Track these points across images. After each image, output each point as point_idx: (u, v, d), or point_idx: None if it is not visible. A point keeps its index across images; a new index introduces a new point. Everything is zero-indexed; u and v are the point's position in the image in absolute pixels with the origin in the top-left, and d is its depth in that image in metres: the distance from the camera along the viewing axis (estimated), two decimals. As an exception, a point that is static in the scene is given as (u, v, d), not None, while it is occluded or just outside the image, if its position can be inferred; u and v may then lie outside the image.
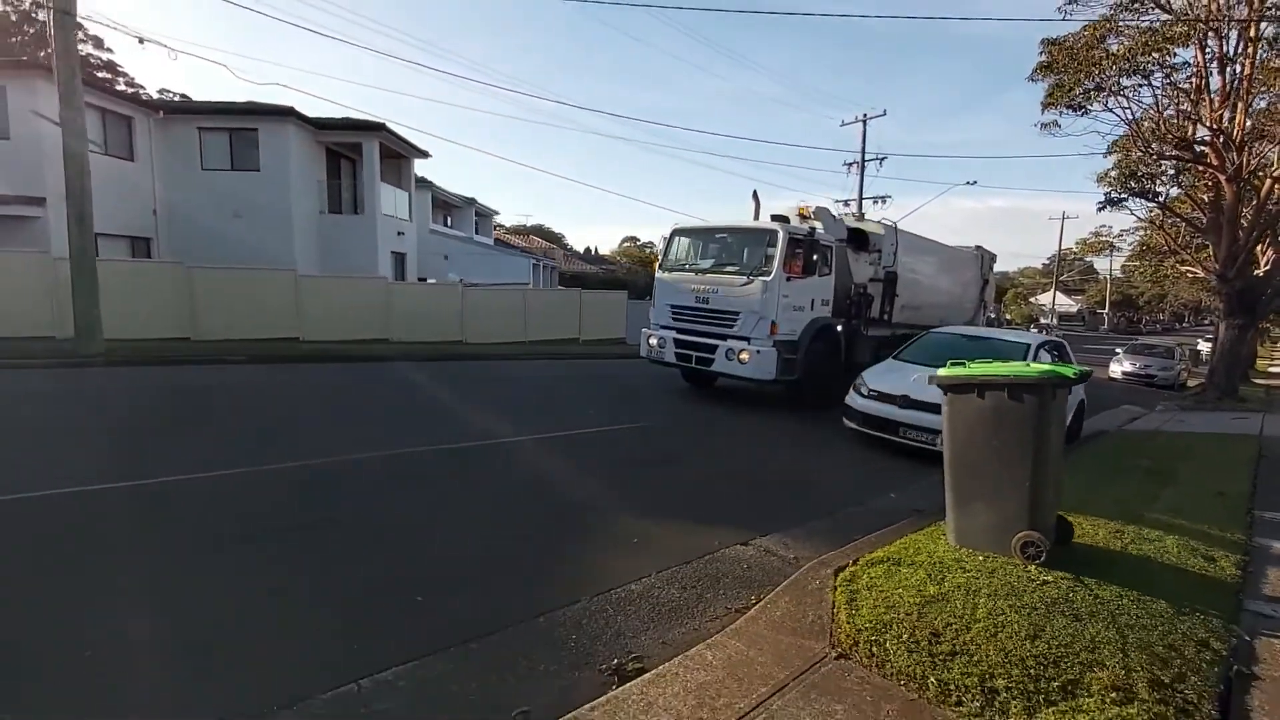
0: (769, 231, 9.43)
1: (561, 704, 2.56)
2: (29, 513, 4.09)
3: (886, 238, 11.66)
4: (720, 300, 9.52)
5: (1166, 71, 14.85)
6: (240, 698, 2.47)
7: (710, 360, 9.47)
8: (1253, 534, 5.04)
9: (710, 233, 10.55)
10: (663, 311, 10.35)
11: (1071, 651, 2.83)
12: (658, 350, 10.23)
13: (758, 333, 9.12)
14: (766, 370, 8.99)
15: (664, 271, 10.52)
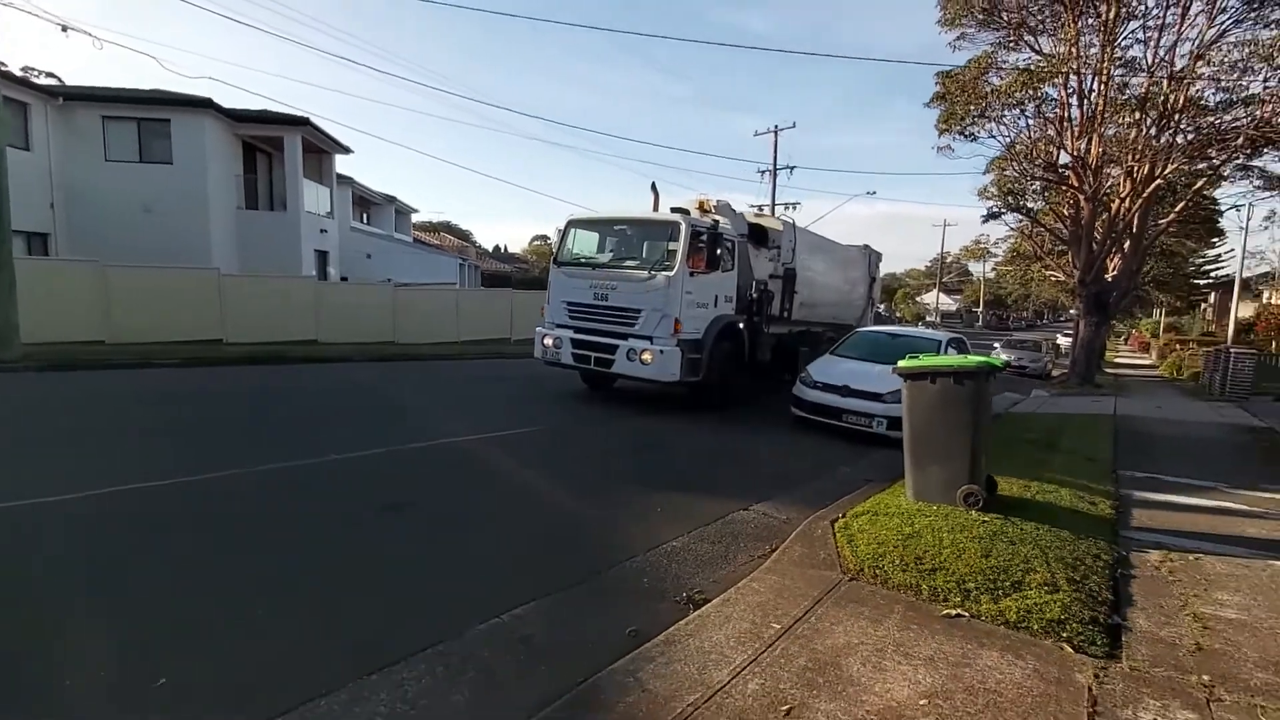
0: (671, 224, 9.01)
1: (658, 623, 3.33)
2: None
3: (785, 234, 11.53)
4: (620, 297, 8.99)
5: (1036, 104, 17.25)
6: (433, 624, 3.06)
7: (610, 361, 8.94)
8: (1119, 486, 6.55)
9: (609, 225, 10.03)
10: (558, 309, 9.69)
11: (1013, 564, 3.93)
12: (553, 351, 9.55)
13: (660, 331, 8.66)
14: (670, 371, 8.60)
15: (559, 266, 9.81)
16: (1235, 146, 16.52)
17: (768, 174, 30.61)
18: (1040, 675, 2.86)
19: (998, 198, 20.89)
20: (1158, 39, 17.00)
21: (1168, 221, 20.97)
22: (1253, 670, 3.01)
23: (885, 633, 3.22)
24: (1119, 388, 20.38)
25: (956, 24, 17.43)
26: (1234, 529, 5.38)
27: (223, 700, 2.52)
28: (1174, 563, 4.43)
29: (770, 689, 2.68)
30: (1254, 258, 36.29)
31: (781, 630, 3.21)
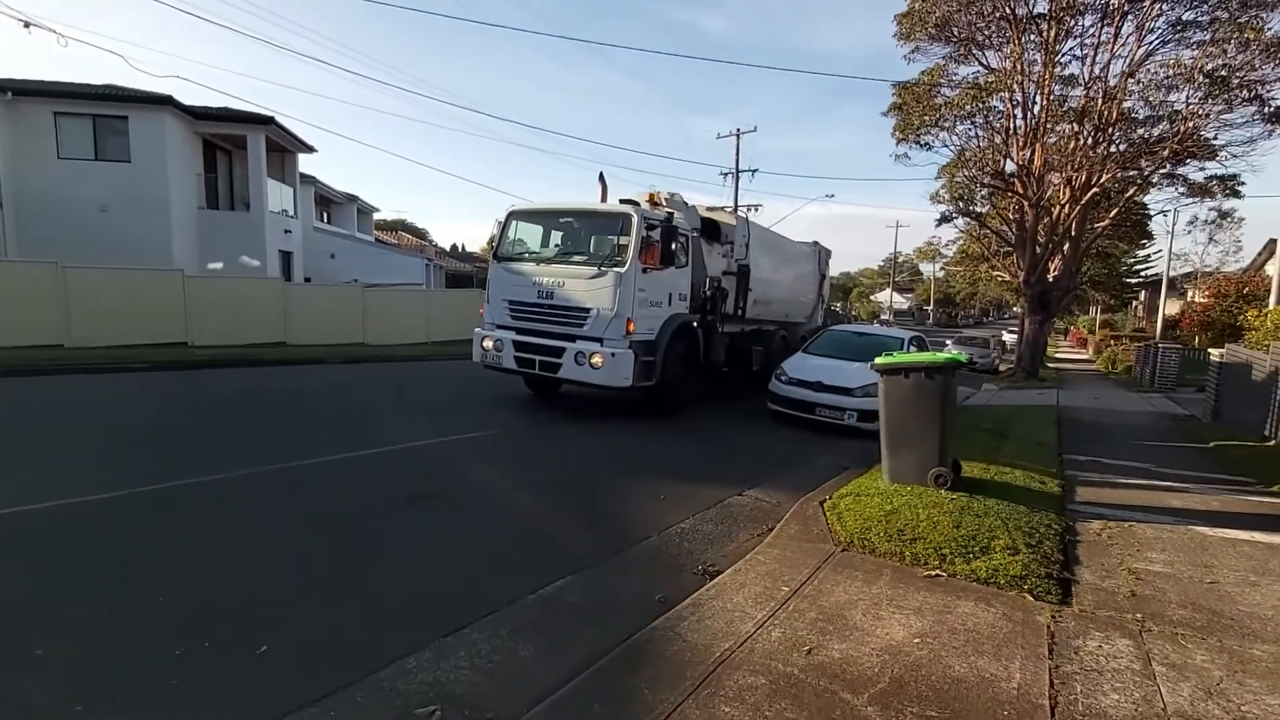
0: (622, 215, 8.39)
1: (682, 591, 3.79)
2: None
3: (739, 229, 11.15)
4: (567, 295, 8.34)
5: (985, 116, 18.36)
6: (486, 597, 3.44)
7: (557, 365, 8.30)
8: (1064, 468, 7.33)
9: (554, 216, 9.38)
10: (498, 308, 8.93)
11: (980, 532, 4.54)
12: (493, 354, 8.82)
13: (611, 333, 8.07)
14: (623, 376, 8.01)
15: (500, 262, 9.06)
16: (1162, 158, 17.93)
17: (730, 176, 31.44)
18: (1008, 618, 3.44)
19: (949, 202, 22.06)
20: (1094, 56, 18.31)
21: (1103, 226, 22.48)
22: (1175, 609, 3.66)
23: (878, 591, 3.76)
24: (1061, 381, 21.81)
25: (911, 38, 18.41)
26: (1160, 502, 6.17)
27: (330, 657, 2.88)
28: (1112, 529, 5.13)
29: (790, 636, 3.18)
30: (1179, 259, 38.85)
31: (791, 592, 3.71)
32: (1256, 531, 5.26)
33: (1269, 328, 11.55)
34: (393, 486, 5.40)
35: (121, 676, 2.66)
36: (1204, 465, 8.22)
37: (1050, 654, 3.07)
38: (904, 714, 2.54)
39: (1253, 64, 15.93)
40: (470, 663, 2.90)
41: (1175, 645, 3.22)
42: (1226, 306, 21.55)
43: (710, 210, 11.55)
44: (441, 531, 4.55)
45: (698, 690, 2.67)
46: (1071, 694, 2.73)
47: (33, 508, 4.33)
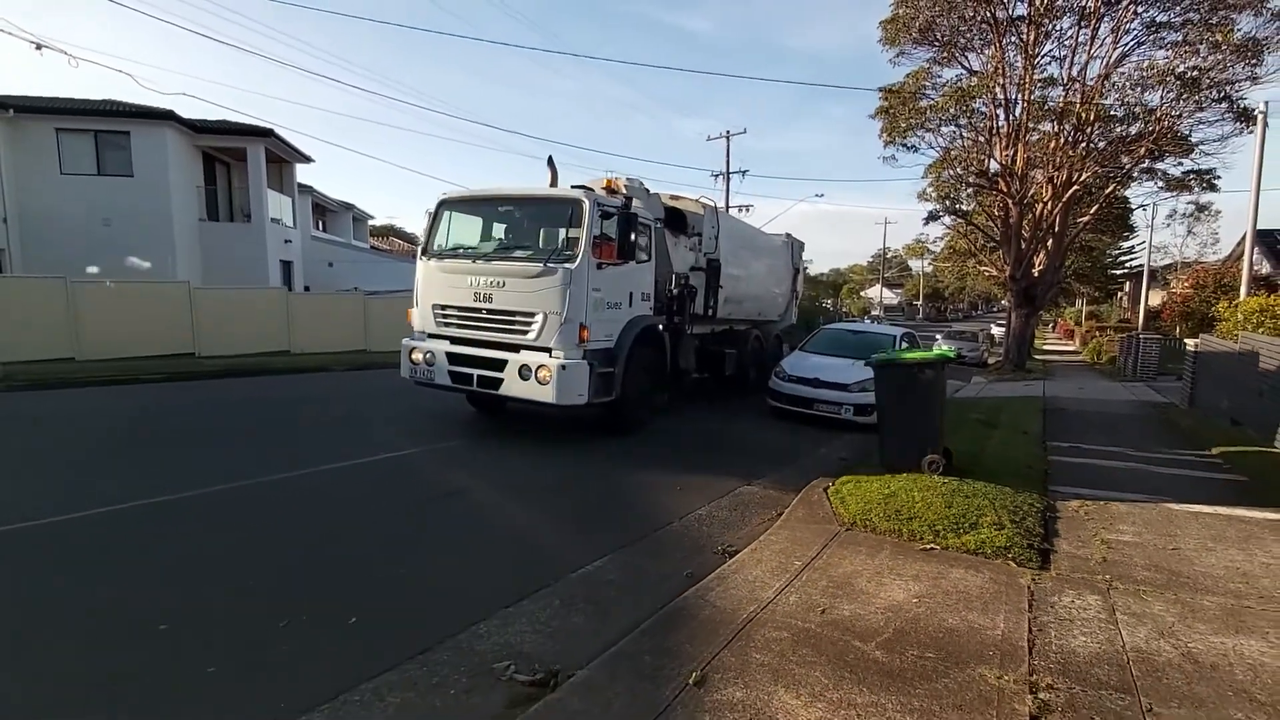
0: (572, 202, 7.26)
1: (706, 567, 4.25)
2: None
3: (707, 219, 10.17)
4: (509, 297, 7.15)
5: (968, 118, 18.96)
6: (536, 574, 3.89)
7: (498, 381, 7.12)
8: (1047, 453, 7.86)
9: (493, 204, 8.18)
10: (428, 314, 7.72)
11: (970, 511, 5.03)
12: (424, 368, 7.59)
13: (562, 341, 6.92)
14: (576, 392, 6.90)
15: (430, 259, 7.78)
16: (1140, 154, 18.59)
17: (721, 178, 31.96)
18: (994, 580, 3.93)
19: (935, 201, 22.68)
20: (1072, 58, 18.97)
21: (1085, 221, 23.18)
22: (1139, 570, 4.18)
23: (880, 562, 4.24)
24: (1047, 373, 22.47)
25: (895, 43, 19.03)
26: (1135, 482, 6.70)
27: (411, 626, 3.32)
28: (1088, 507, 5.65)
29: (805, 600, 3.65)
30: (1160, 251, 39.74)
31: (803, 565, 4.19)
32: (1218, 505, 5.79)
33: (1238, 319, 12.16)
34: (426, 485, 5.84)
35: (237, 645, 3.10)
36: (1176, 447, 8.77)
37: (1030, 608, 3.56)
38: (906, 656, 3.02)
39: (1224, 64, 16.61)
40: (531, 628, 3.36)
41: (1137, 599, 3.72)
42: (1205, 297, 22.27)
43: (675, 198, 10.41)
44: (479, 523, 5.00)
45: (731, 643, 3.14)
46: (1047, 638, 3.23)
47: (101, 510, 4.75)
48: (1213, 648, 3.17)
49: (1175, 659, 3.06)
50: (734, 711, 2.58)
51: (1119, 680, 2.85)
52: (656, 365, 8.57)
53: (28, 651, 2.98)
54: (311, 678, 2.83)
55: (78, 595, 3.51)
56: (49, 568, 3.84)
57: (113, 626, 3.21)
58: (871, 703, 2.65)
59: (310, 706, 2.60)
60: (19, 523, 4.41)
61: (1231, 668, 3.00)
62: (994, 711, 2.59)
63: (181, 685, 2.76)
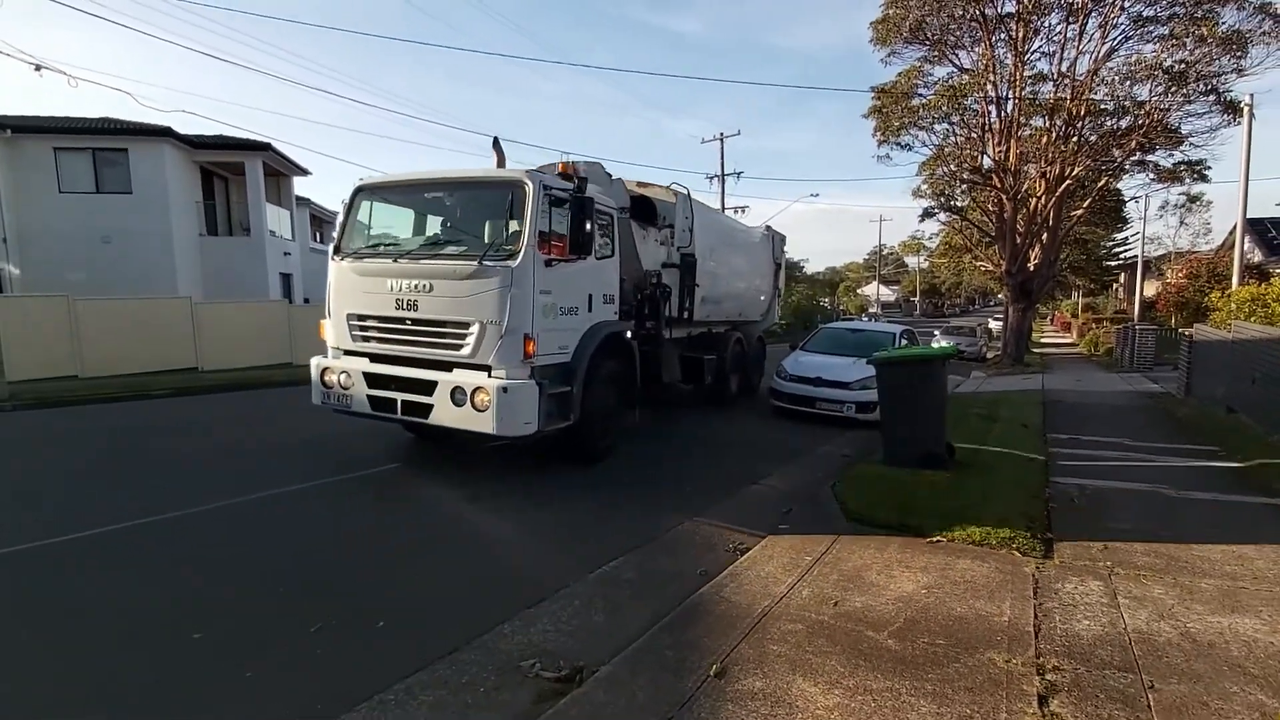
0: (512, 185, 5.95)
1: (719, 564, 4.37)
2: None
3: (679, 209, 9.11)
4: (437, 304, 5.88)
5: (961, 115, 19.15)
6: (558, 574, 4.00)
7: (427, 408, 5.85)
8: (1048, 446, 7.99)
9: (418, 190, 6.82)
10: (342, 327, 6.42)
11: (973, 503, 5.17)
12: (339, 393, 6.35)
13: (503, 356, 5.66)
14: (522, 418, 5.64)
15: (343, 259, 6.47)
16: (1131, 147, 18.79)
17: (716, 180, 32.12)
18: (999, 570, 4.06)
19: (930, 197, 22.89)
20: (1061, 53, 19.16)
21: (1079, 214, 23.37)
22: (1140, 556, 4.31)
23: (889, 556, 4.37)
24: (1045, 366, 22.64)
25: (886, 43, 19.22)
26: (1132, 471, 6.84)
27: (437, 627, 3.43)
28: (1089, 496, 5.79)
29: (817, 593, 3.77)
30: (1153, 243, 40.04)
31: (814, 560, 4.31)
32: (1215, 492, 5.93)
33: (1231, 308, 12.32)
34: (456, 487, 5.96)
35: (274, 645, 3.21)
36: (1174, 437, 8.93)
37: (1035, 595, 3.69)
38: (917, 643, 3.15)
39: (1210, 57, 16.81)
40: (554, 626, 3.47)
41: (1138, 584, 3.85)
42: (1199, 286, 22.47)
43: (643, 185, 9.40)
44: (492, 529, 5.11)
45: (748, 636, 3.25)
46: (1051, 622, 3.35)
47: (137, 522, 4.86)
48: (1210, 627, 3.30)
49: (1175, 638, 3.18)
50: (755, 700, 2.70)
51: (1122, 660, 2.98)
52: (625, 379, 7.35)
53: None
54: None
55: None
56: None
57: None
58: (886, 688, 2.77)
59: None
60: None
61: (1228, 645, 3.13)
62: (1003, 692, 2.71)
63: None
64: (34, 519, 4.93)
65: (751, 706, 2.65)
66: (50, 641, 3.26)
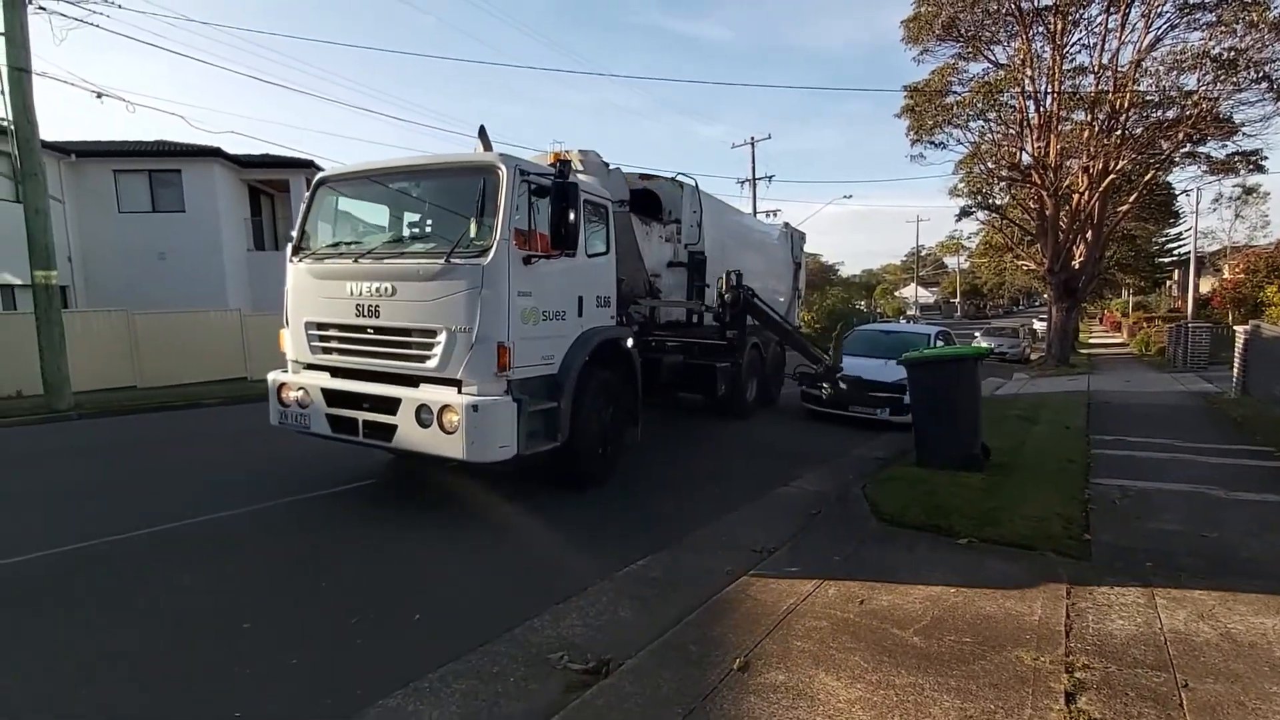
0: (484, 170, 5.21)
1: (746, 564, 4.39)
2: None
3: (686, 201, 8.43)
4: (401, 309, 5.22)
5: (997, 112, 18.76)
6: (583, 574, 4.10)
7: (390, 429, 5.16)
8: (1090, 448, 7.77)
9: (383, 179, 5.99)
10: (300, 337, 5.76)
11: (1009, 504, 5.10)
12: (297, 411, 5.68)
13: (474, 369, 4.97)
14: (498, 441, 4.94)
15: (301, 259, 5.80)
16: (1179, 139, 18.12)
17: (747, 184, 32.05)
18: (1031, 570, 4.00)
19: (967, 196, 22.42)
20: (1102, 45, 18.63)
21: (1126, 210, 22.61)
22: (1182, 558, 4.19)
23: (919, 556, 4.34)
24: (1092, 367, 21.90)
25: (918, 41, 18.96)
26: (1179, 471, 6.61)
27: (471, 620, 3.55)
28: (1131, 497, 5.62)
29: (844, 592, 3.78)
30: (1206, 237, 38.38)
31: (842, 560, 4.31)
32: (1267, 493, 5.71)
33: (1290, 303, 11.79)
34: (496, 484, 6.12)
35: (319, 636, 3.37)
36: (1226, 437, 8.57)
37: (1068, 595, 3.63)
38: (943, 642, 3.13)
39: (1261, 42, 16.13)
40: (582, 622, 3.56)
41: (1178, 585, 3.75)
42: (1257, 282, 21.46)
43: (647, 177, 8.67)
44: (533, 528, 5.24)
45: (772, 632, 3.29)
46: (1084, 623, 3.30)
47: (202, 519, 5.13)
48: (1252, 628, 3.20)
49: (1214, 639, 3.10)
50: (777, 693, 2.74)
51: (1155, 659, 2.92)
52: (623, 393, 6.57)
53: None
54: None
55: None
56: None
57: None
58: (910, 683, 2.77)
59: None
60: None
61: (1270, 646, 3.04)
62: (1029, 690, 2.69)
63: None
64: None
65: (773, 699, 2.69)
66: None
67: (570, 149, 7.20)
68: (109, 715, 2.72)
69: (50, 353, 11.57)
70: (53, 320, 11.63)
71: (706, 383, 9.16)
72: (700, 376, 9.13)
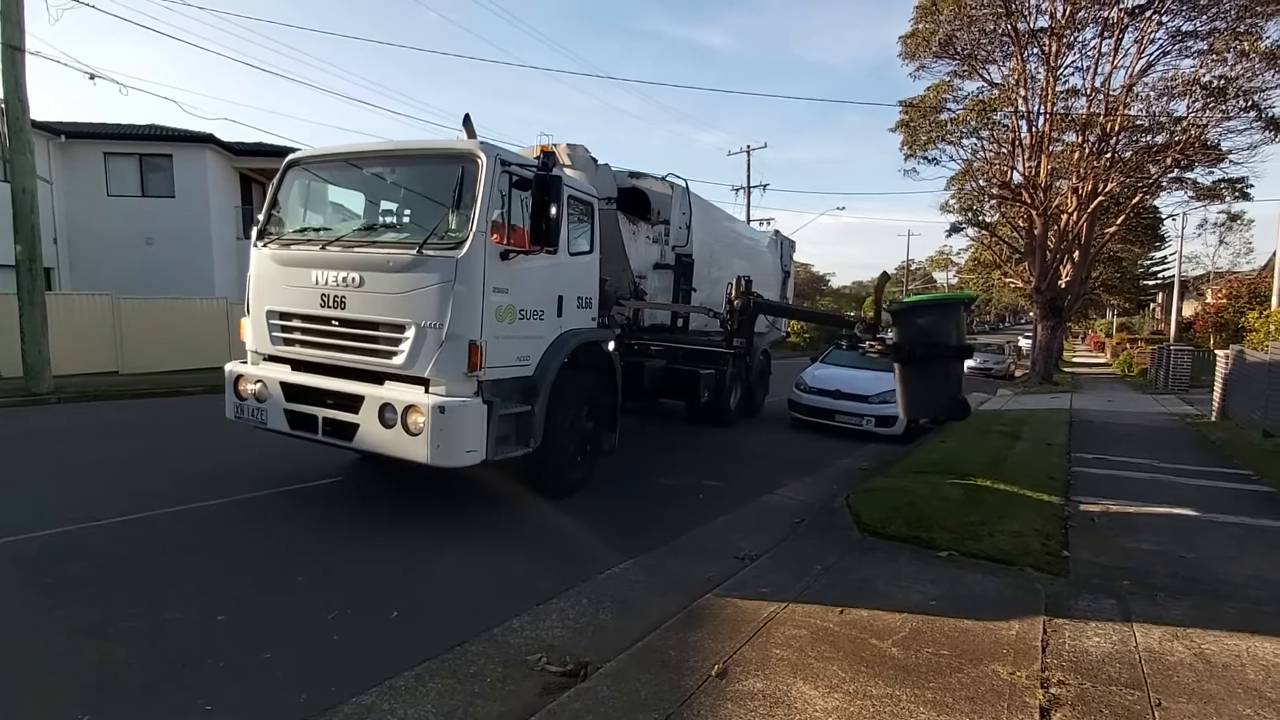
0: (462, 158, 5.00)
1: (727, 571, 4.39)
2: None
3: (675, 202, 8.23)
4: (368, 301, 4.95)
5: (990, 130, 18.98)
6: (568, 575, 4.07)
7: (352, 428, 4.93)
8: (1071, 465, 7.85)
9: (357, 165, 5.73)
10: (261, 327, 5.48)
11: (990, 519, 5.13)
12: (253, 405, 5.41)
13: (443, 367, 4.74)
14: (465, 445, 4.73)
15: (266, 244, 5.52)
16: (1167, 164, 18.41)
17: (742, 191, 32.22)
18: (1011, 585, 4.03)
19: (958, 212, 22.64)
20: (1095, 68, 18.90)
21: (1113, 231, 22.92)
22: (1159, 577, 4.24)
23: (899, 567, 4.35)
24: (1075, 385, 22.16)
25: (915, 57, 19.17)
26: (1158, 492, 6.69)
27: (448, 619, 3.52)
28: (1110, 516, 5.69)
29: (825, 601, 3.78)
30: (1191, 261, 38.95)
31: (824, 569, 4.32)
32: (1244, 516, 5.79)
33: (1269, 329, 11.96)
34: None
35: (294, 630, 3.32)
36: (1205, 459, 8.69)
37: (1045, 611, 3.66)
38: (921, 653, 3.14)
39: (1252, 72, 16.44)
40: (562, 623, 3.54)
41: (1154, 604, 3.79)
42: (1239, 307, 21.81)
43: (636, 176, 8.47)
44: (515, 530, 5.21)
45: (752, 639, 3.28)
46: (1060, 638, 3.32)
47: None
48: (1226, 649, 3.24)
49: (1188, 659, 3.13)
50: (754, 700, 2.73)
51: (1130, 677, 2.94)
52: (602, 399, 6.32)
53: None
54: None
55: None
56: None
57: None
58: (886, 694, 2.78)
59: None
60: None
61: (1244, 668, 3.07)
62: (1004, 703, 2.70)
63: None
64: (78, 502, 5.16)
65: (750, 706, 2.68)
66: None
67: (558, 143, 7.02)
68: (77, 706, 2.67)
69: (31, 335, 11.39)
70: (35, 302, 11.45)
71: (689, 389, 8.99)
72: (683, 382, 8.95)
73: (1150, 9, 17.38)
